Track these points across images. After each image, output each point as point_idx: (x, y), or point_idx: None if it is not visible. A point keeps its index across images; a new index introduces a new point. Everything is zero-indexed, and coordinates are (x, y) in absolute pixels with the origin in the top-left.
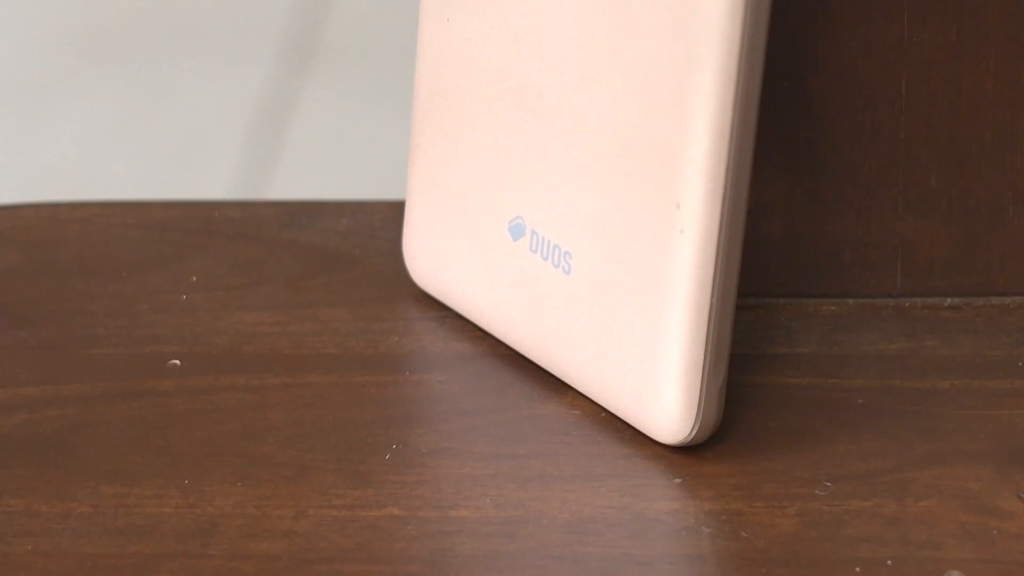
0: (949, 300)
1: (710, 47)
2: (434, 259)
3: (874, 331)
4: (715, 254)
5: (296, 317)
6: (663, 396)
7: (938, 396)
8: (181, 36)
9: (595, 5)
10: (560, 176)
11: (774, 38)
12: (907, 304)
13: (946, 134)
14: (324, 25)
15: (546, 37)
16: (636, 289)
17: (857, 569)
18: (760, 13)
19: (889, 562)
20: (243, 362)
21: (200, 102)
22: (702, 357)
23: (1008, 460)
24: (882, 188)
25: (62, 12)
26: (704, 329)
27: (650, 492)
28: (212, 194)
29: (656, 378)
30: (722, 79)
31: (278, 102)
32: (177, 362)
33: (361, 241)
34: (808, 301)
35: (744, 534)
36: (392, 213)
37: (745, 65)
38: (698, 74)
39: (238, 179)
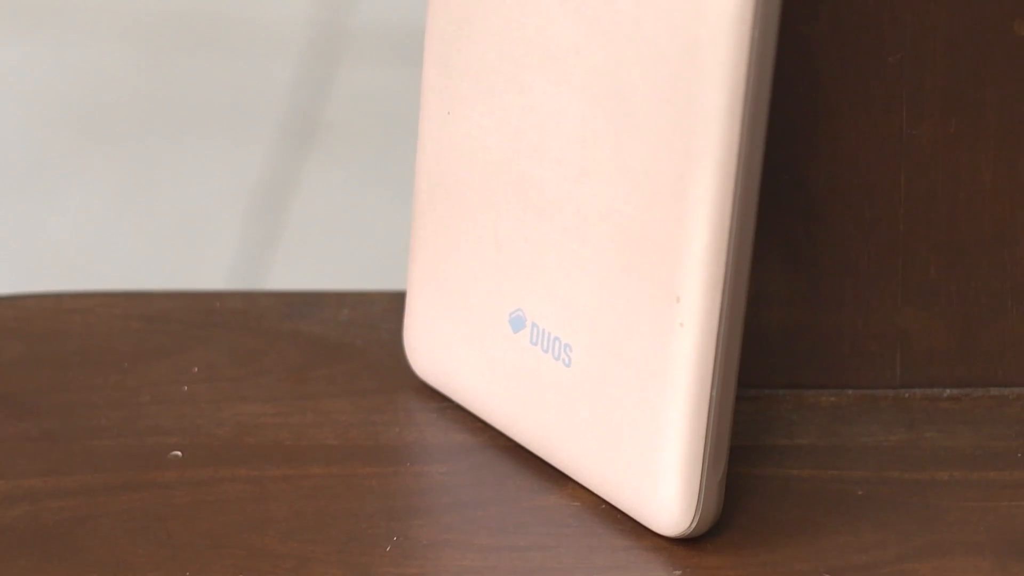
0: (948, 391)
1: (709, 142)
2: (435, 350)
3: (873, 422)
4: (715, 347)
5: (297, 408)
6: (663, 488)
7: (938, 487)
8: (181, 116)
9: (595, 99)
10: (560, 269)
11: (773, 131)
12: (906, 395)
13: (945, 226)
14: (325, 106)
15: (546, 131)
16: (636, 382)
17: None
18: (759, 107)
19: None
20: (244, 453)
21: (200, 183)
22: (702, 449)
23: (1008, 552)
24: (881, 280)
25: (61, 93)
26: (704, 421)
27: None
28: (212, 276)
29: (656, 470)
30: (721, 174)
31: (279, 183)
32: (179, 453)
33: (362, 332)
34: (808, 392)
35: None
36: (393, 304)
37: (744, 160)
38: (698, 169)
39: (238, 260)
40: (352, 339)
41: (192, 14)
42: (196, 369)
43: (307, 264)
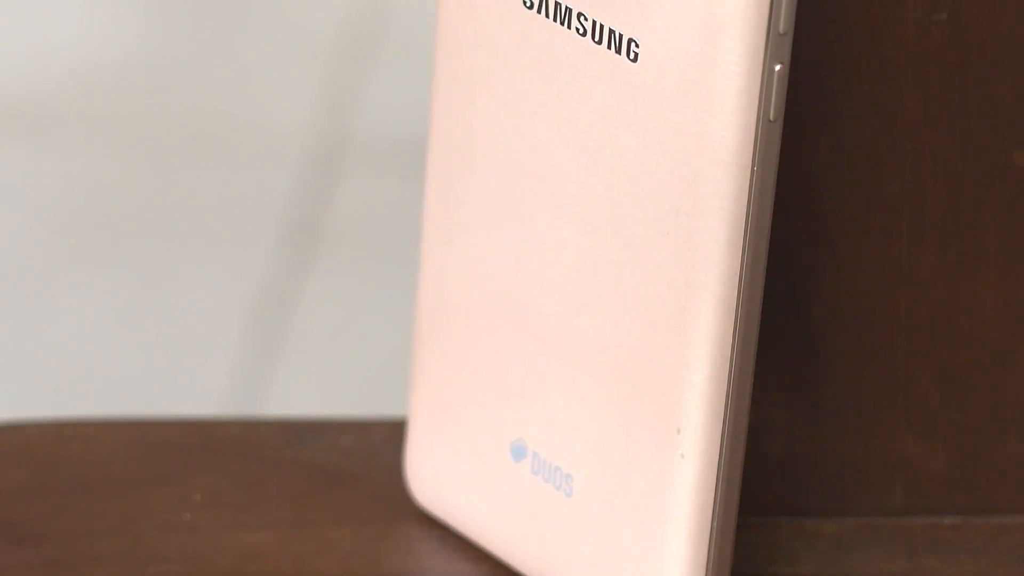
0: (949, 519)
1: (710, 275)
2: (436, 479)
3: (875, 551)
4: (715, 478)
5: (299, 536)
6: None
7: None
8: (180, 227)
9: (595, 231)
10: (561, 399)
11: (774, 260)
12: (907, 523)
13: (945, 352)
14: (326, 217)
15: (547, 261)
16: (637, 513)
17: None
18: (760, 240)
19: None
20: None
21: (199, 294)
22: None
23: None
24: (882, 406)
25: (58, 202)
26: (705, 552)
27: None
28: (211, 388)
29: None
30: (722, 306)
31: (279, 295)
32: None
33: (363, 459)
34: (809, 520)
35: None
36: (394, 432)
37: (746, 292)
38: (698, 301)
39: (237, 373)
40: (353, 467)
41: (192, 122)
42: (198, 496)
43: (308, 378)
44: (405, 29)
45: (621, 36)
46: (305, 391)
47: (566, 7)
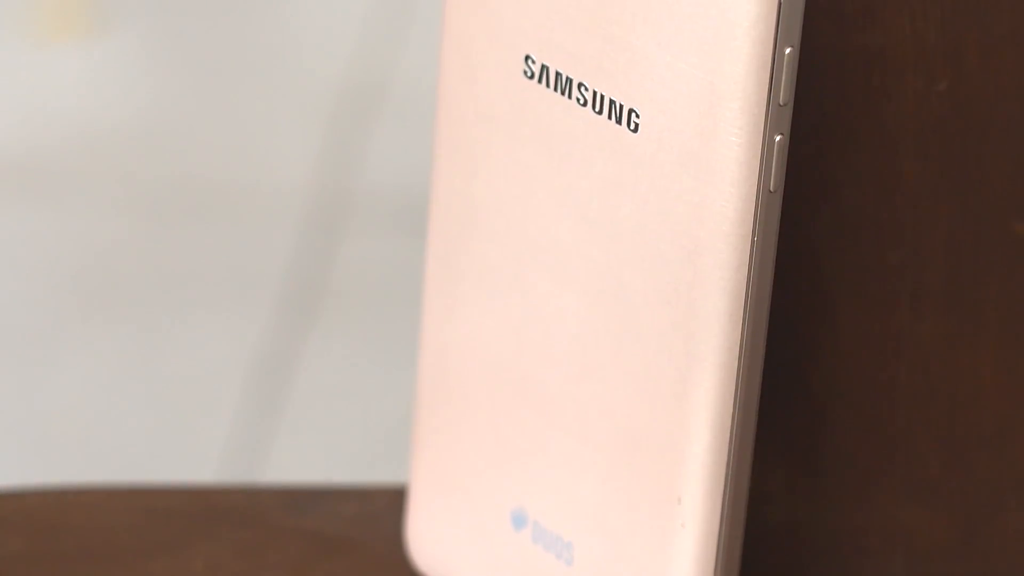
0: None
1: (710, 345)
2: (437, 546)
3: None
4: (716, 548)
5: None
6: None
7: None
8: (181, 287)
9: (596, 301)
10: (562, 467)
11: (774, 328)
12: None
13: (945, 422)
14: (328, 277)
15: (548, 330)
16: None
17: None
18: (760, 310)
19: None
20: None
21: (200, 355)
22: None
23: None
24: (882, 476)
25: (59, 262)
26: None
27: None
28: (211, 450)
29: None
30: (722, 376)
31: (280, 356)
32: None
33: (364, 527)
34: None
35: None
36: (395, 499)
37: (746, 362)
38: (699, 371)
39: (238, 435)
40: (354, 534)
41: (193, 182)
42: (200, 565)
43: (309, 440)
44: (406, 89)
45: (622, 106)
46: (306, 453)
47: (567, 77)
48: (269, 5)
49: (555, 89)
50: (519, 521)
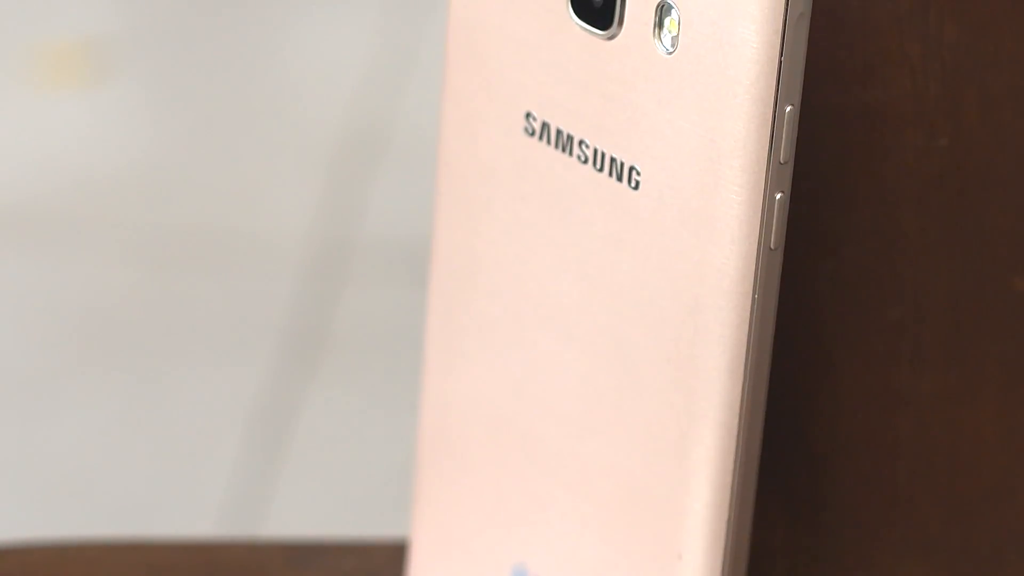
0: None
1: (711, 402)
2: None
3: None
4: None
5: None
6: None
7: None
8: (181, 335)
9: (597, 358)
10: (563, 524)
11: (774, 384)
12: None
13: (946, 479)
14: (328, 326)
15: (549, 387)
16: None
17: None
18: (761, 366)
19: None
20: None
21: (200, 404)
22: None
23: None
24: (883, 532)
25: (59, 310)
26: None
27: None
28: (211, 499)
29: None
30: (723, 433)
31: (280, 406)
32: None
33: None
34: None
35: None
36: (396, 554)
37: (747, 419)
38: (699, 428)
39: (237, 485)
40: None
41: (194, 230)
42: None
43: (309, 490)
44: (406, 137)
45: (623, 164)
46: (307, 503)
47: (568, 134)
48: (270, 54)
49: (556, 146)
50: None
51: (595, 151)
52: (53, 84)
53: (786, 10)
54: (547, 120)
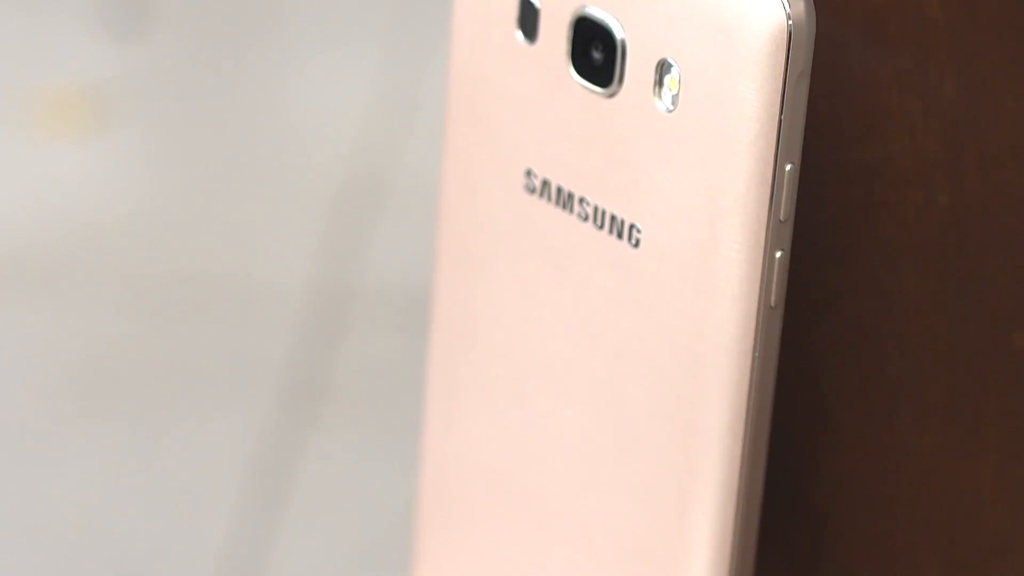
0: None
1: (711, 460)
2: None
3: None
4: None
5: None
6: None
7: None
8: (180, 384)
9: (597, 415)
10: None
11: (774, 442)
12: None
13: (946, 536)
14: (328, 375)
15: (549, 445)
16: None
17: None
18: (761, 424)
19: None
20: None
21: (199, 452)
22: None
23: None
24: None
25: (57, 359)
26: None
27: None
28: (209, 553)
29: None
30: (723, 491)
31: (280, 454)
32: None
33: None
34: None
35: None
36: None
37: (747, 476)
38: (699, 486)
39: (237, 534)
40: None
41: (192, 278)
42: None
43: (309, 542)
44: (407, 185)
45: (623, 222)
46: (307, 553)
47: (568, 192)
48: (269, 102)
49: (556, 203)
50: None
51: (595, 209)
52: (52, 131)
53: (786, 68)
54: (547, 177)
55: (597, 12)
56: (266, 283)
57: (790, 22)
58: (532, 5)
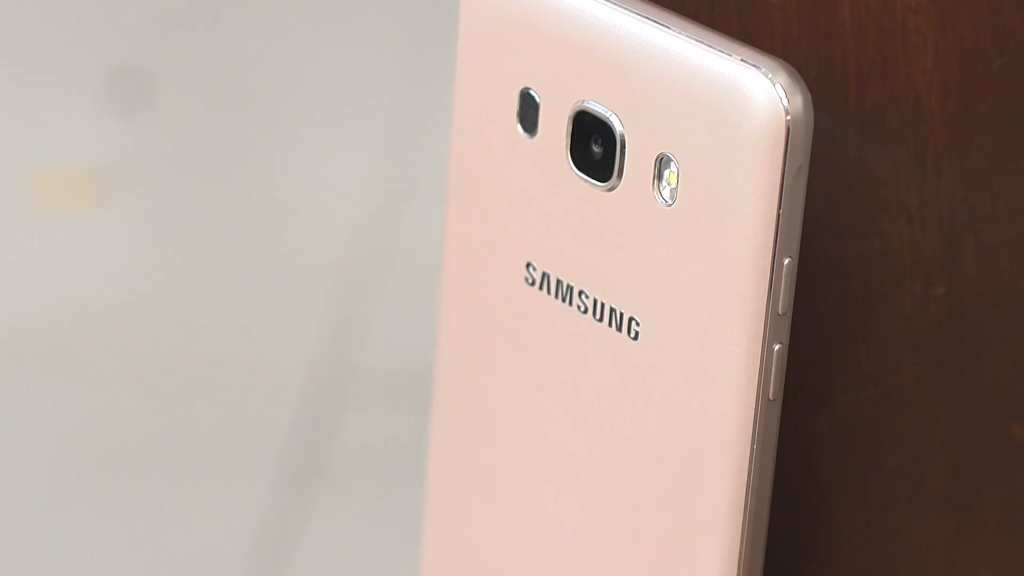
0: None
1: (710, 550)
2: None
3: None
4: None
5: None
6: None
7: None
8: (181, 462)
9: (597, 506)
10: None
11: (772, 532)
12: None
13: None
14: (329, 452)
15: (549, 534)
16: None
17: None
18: (760, 515)
19: None
20: None
21: (200, 531)
22: None
23: None
24: None
25: (59, 437)
26: None
27: None
28: None
29: None
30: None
31: (280, 532)
32: None
33: None
34: None
35: None
36: None
37: (746, 567)
38: (702, 559)
39: None
40: None
41: (193, 356)
42: None
43: None
44: (407, 264)
45: (622, 314)
46: None
47: (567, 285)
48: (271, 179)
49: (556, 296)
50: None
51: (595, 301)
52: (54, 208)
53: (784, 163)
54: (547, 270)
55: (597, 106)
56: (267, 361)
57: (788, 117)
58: (532, 99)
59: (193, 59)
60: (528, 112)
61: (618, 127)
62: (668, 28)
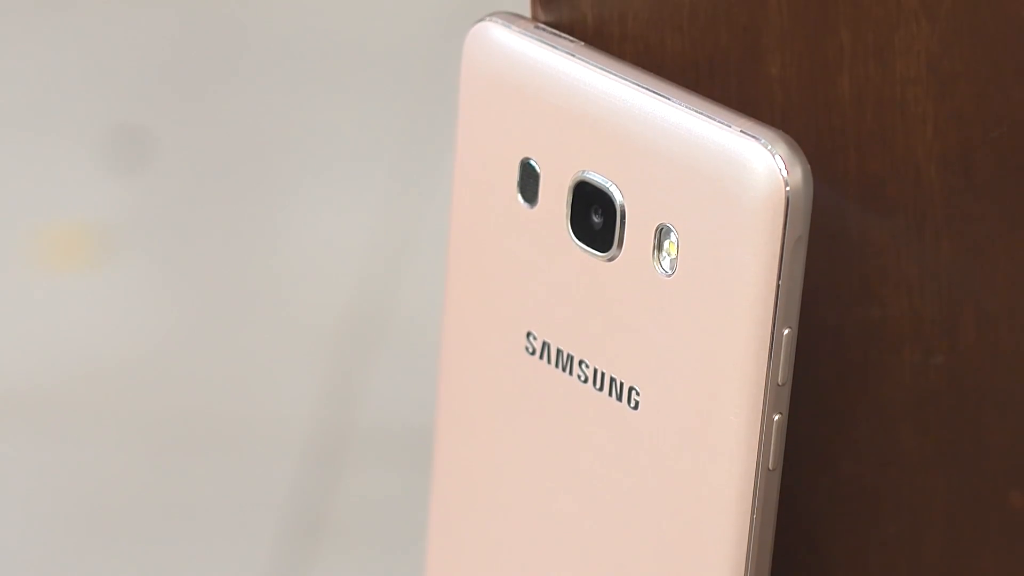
0: None
1: None
2: None
3: None
4: None
5: None
6: None
7: None
8: (181, 520)
9: (595, 569)
10: None
11: None
12: None
13: None
14: (329, 511)
15: None
16: None
17: None
18: (761, 574)
19: None
20: None
21: None
22: None
23: None
24: None
25: (58, 494)
26: None
27: None
28: None
29: None
30: None
31: None
32: None
33: None
34: None
35: None
36: None
37: None
38: None
39: None
40: None
41: (193, 415)
42: None
43: None
44: (407, 323)
45: (622, 384)
46: None
47: (568, 354)
48: (271, 238)
49: (556, 365)
50: None
51: (595, 371)
52: (55, 267)
53: (784, 234)
54: (547, 340)
55: (597, 177)
56: (267, 421)
57: (787, 188)
58: (533, 169)
59: (195, 119)
60: (528, 182)
61: (618, 198)
62: (668, 99)
